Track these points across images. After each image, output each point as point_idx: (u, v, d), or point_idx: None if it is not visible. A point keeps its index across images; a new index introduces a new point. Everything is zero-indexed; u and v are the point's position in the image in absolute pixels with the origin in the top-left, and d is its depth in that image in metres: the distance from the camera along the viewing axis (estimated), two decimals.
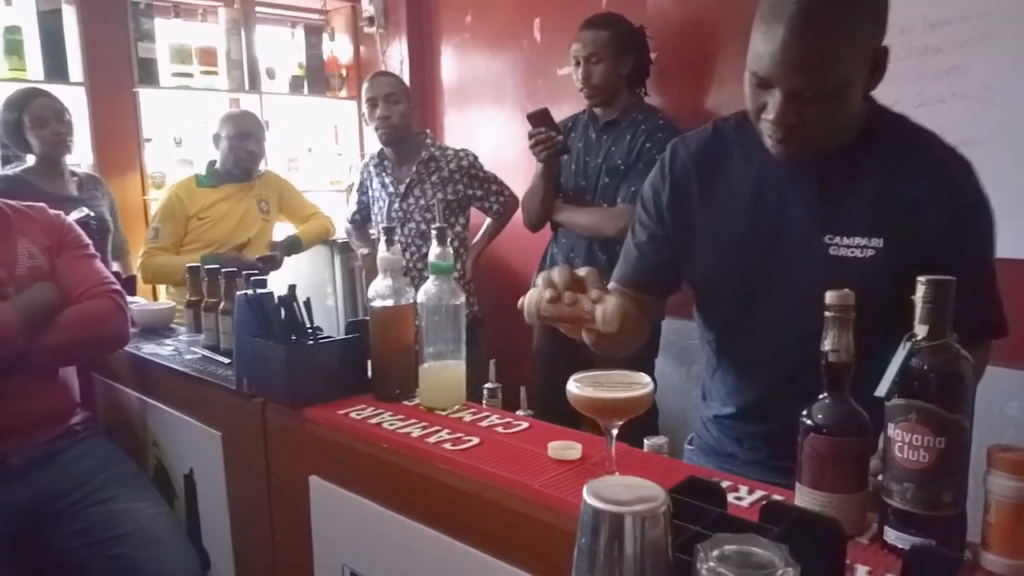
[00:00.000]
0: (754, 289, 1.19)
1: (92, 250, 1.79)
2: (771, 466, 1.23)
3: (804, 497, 0.88)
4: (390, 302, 1.37)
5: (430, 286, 1.33)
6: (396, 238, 2.69)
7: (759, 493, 0.99)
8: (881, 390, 0.82)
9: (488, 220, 2.91)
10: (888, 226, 1.09)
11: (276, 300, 1.40)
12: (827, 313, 0.87)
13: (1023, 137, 2.22)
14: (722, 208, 1.21)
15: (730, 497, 0.97)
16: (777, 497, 0.96)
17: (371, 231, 2.98)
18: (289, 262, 2.97)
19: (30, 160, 2.63)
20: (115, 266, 2.74)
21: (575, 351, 2.30)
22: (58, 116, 2.58)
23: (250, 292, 1.41)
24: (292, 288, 1.43)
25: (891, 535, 0.83)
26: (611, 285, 1.32)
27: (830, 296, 0.87)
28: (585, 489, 0.62)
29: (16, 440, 1.58)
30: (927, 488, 0.80)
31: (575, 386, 0.98)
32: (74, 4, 2.92)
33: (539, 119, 2.29)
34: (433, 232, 1.34)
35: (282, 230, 3.08)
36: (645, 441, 1.19)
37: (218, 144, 2.87)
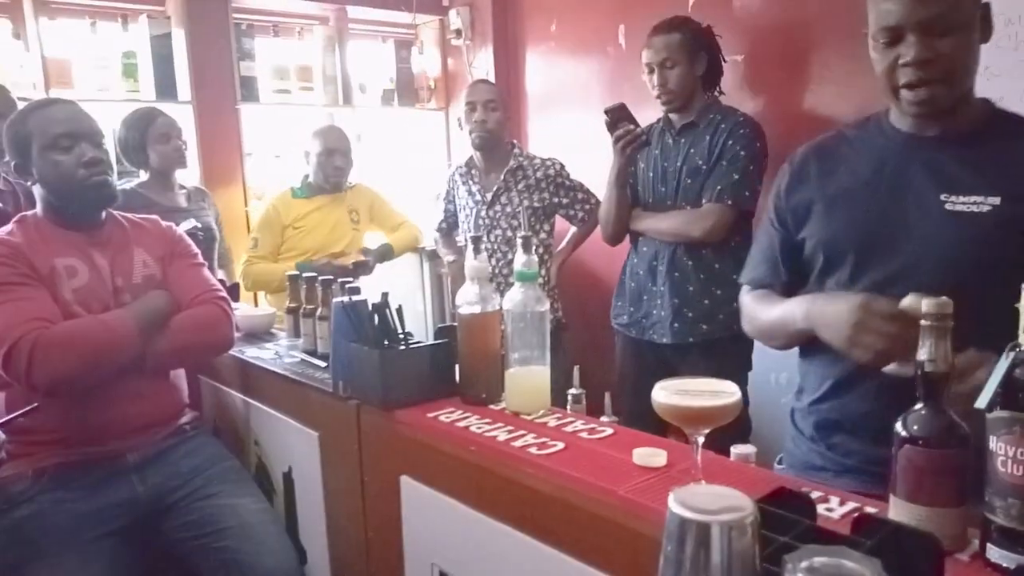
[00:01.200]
0: (870, 249, 1.23)
1: (200, 259, 1.90)
2: (864, 472, 1.22)
3: (899, 510, 0.86)
4: (477, 309, 1.41)
5: (516, 293, 1.36)
6: (483, 246, 2.74)
7: (851, 505, 0.97)
8: (982, 401, 0.79)
9: (573, 227, 2.92)
10: (1005, 185, 1.13)
11: (370, 307, 1.46)
12: (924, 322, 0.85)
13: None
14: (842, 180, 1.28)
15: (821, 508, 0.95)
16: (870, 510, 0.94)
17: (457, 239, 3.04)
18: (380, 269, 3.07)
19: (143, 175, 2.82)
20: (220, 274, 2.90)
21: (660, 359, 2.31)
22: (178, 133, 2.78)
23: (346, 299, 1.47)
24: (385, 295, 1.48)
25: (994, 553, 0.80)
26: (746, 287, 1.45)
27: (927, 304, 0.84)
28: (671, 497, 0.62)
29: (133, 439, 1.70)
30: None
31: (661, 394, 0.98)
32: (183, 27, 3.10)
33: (617, 114, 2.28)
34: (519, 240, 1.37)
35: (372, 239, 3.17)
36: (732, 450, 1.18)
37: (308, 159, 3.00)
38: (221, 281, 2.17)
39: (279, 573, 1.60)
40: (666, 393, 0.98)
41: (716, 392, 0.98)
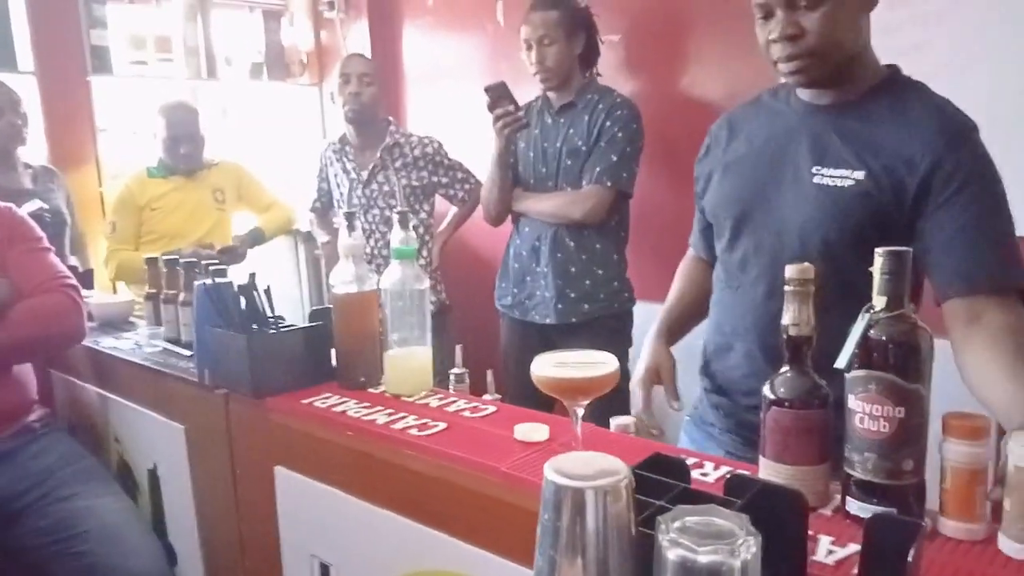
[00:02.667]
0: (744, 217, 1.28)
1: (45, 243, 1.74)
2: (736, 434, 1.30)
3: (768, 470, 0.89)
4: (353, 288, 1.35)
5: (393, 271, 1.32)
6: (359, 225, 2.67)
7: (724, 469, 1.00)
8: (841, 362, 0.83)
9: (454, 208, 2.89)
10: (873, 160, 1.14)
11: (235, 289, 1.37)
12: (787, 287, 0.88)
13: (982, 116, 2.26)
14: (739, 148, 1.33)
15: (696, 473, 0.98)
16: (742, 472, 0.97)
17: (333, 219, 2.94)
18: (251, 254, 2.92)
19: None
20: (72, 260, 2.68)
21: (543, 339, 2.33)
22: (13, 107, 2.51)
23: (209, 281, 1.38)
24: (252, 276, 1.40)
25: (853, 505, 0.84)
26: (690, 253, 1.51)
27: (790, 270, 0.87)
28: (547, 465, 0.61)
29: None
30: (888, 457, 0.81)
31: (540, 366, 0.97)
32: None
33: (497, 92, 2.26)
34: (395, 216, 1.32)
35: (242, 221, 3.02)
36: (611, 421, 1.19)
37: (157, 140, 2.82)
38: (73, 268, 2.01)
39: (146, 575, 1.50)
40: (545, 365, 0.97)
41: (593, 363, 0.98)
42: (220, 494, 1.46)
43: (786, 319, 0.88)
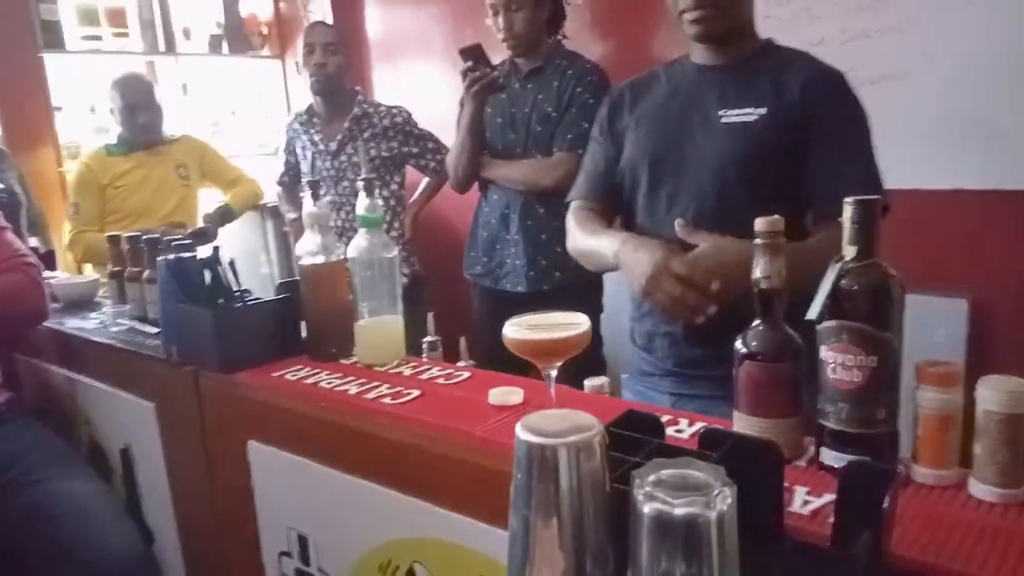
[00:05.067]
0: (661, 162, 1.39)
1: (2, 222, 1.69)
2: (678, 375, 1.40)
3: (742, 423, 0.89)
4: (320, 259, 1.33)
5: (360, 240, 1.29)
6: (326, 197, 2.63)
7: (699, 425, 1.00)
8: (812, 313, 0.82)
9: (425, 179, 2.85)
10: (769, 99, 1.31)
11: (199, 262, 1.34)
12: (757, 241, 0.87)
13: (945, 69, 2.27)
14: (647, 109, 1.45)
15: (670, 431, 0.98)
16: (716, 427, 0.97)
17: (301, 194, 2.88)
18: (220, 233, 2.87)
19: None
20: (33, 241, 2.61)
21: (515, 307, 2.31)
22: None
23: (171, 257, 1.35)
24: (216, 250, 1.37)
25: (828, 456, 0.84)
26: (573, 204, 1.56)
27: (759, 223, 0.86)
28: (519, 425, 0.60)
29: None
30: (861, 407, 0.81)
31: (512, 329, 0.96)
32: None
33: (472, 54, 2.22)
34: (359, 184, 1.29)
35: (206, 197, 2.96)
36: (585, 383, 1.19)
37: (113, 115, 2.74)
38: (34, 249, 1.96)
39: (122, 556, 1.48)
40: (517, 328, 0.96)
41: (565, 324, 0.97)
42: (194, 471, 1.44)
43: (757, 272, 0.87)
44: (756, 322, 0.88)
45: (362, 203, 1.29)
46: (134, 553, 1.50)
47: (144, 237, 1.70)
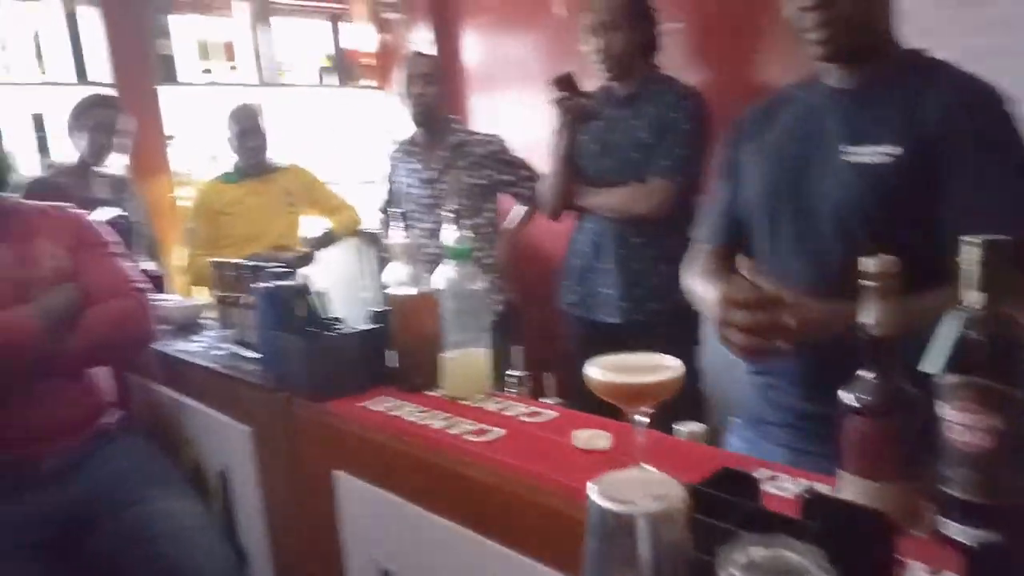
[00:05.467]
0: (780, 205, 1.25)
1: (117, 248, 1.78)
2: (797, 428, 1.24)
3: (848, 486, 0.81)
4: (407, 289, 1.33)
5: (448, 271, 1.28)
6: (425, 226, 2.67)
7: (804, 483, 0.92)
8: (935, 366, 0.74)
9: (519, 206, 2.85)
10: (904, 135, 1.11)
11: (292, 291, 1.37)
12: (866, 283, 0.79)
13: None
14: (769, 142, 1.29)
15: (772, 487, 0.91)
16: (821, 486, 0.89)
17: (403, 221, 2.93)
18: (321, 257, 2.96)
19: (61, 162, 2.68)
20: (152, 265, 2.76)
21: (609, 338, 2.25)
22: (107, 127, 2.65)
23: (266, 284, 1.38)
24: (307, 279, 1.39)
25: (951, 528, 0.75)
26: (697, 246, 1.45)
27: (868, 264, 0.78)
28: (590, 486, 0.56)
29: (47, 445, 1.58)
30: (989, 474, 0.72)
31: (595, 371, 0.92)
32: (97, 5, 2.92)
33: (564, 84, 2.20)
34: (448, 215, 1.29)
35: (309, 223, 3.07)
36: (677, 427, 1.12)
37: (230, 144, 2.89)
38: (147, 272, 2.06)
39: None
40: (601, 370, 0.92)
41: (655, 367, 0.92)
42: (286, 497, 1.46)
43: (866, 317, 0.79)
44: (864, 371, 0.80)
45: (451, 234, 1.28)
46: (229, 574, 1.53)
47: (242, 263, 1.75)
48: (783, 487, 0.91)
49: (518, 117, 3.20)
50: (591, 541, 0.55)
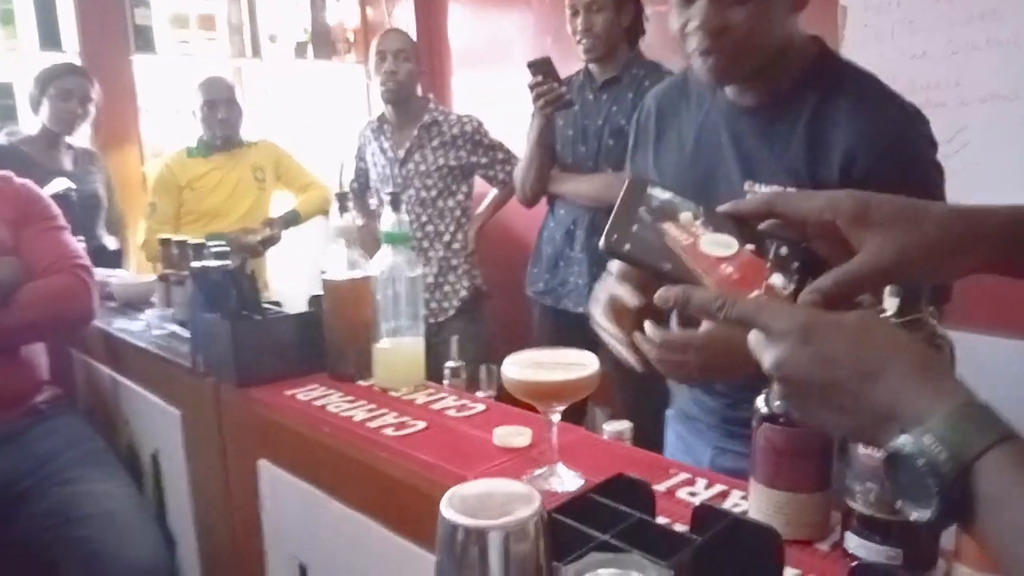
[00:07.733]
0: None
1: (61, 222, 1.73)
2: (721, 429, 1.20)
3: (759, 495, 0.77)
4: (344, 274, 1.28)
5: (385, 256, 1.23)
6: (350, 205, 2.65)
7: (718, 488, 0.88)
8: None
9: (493, 190, 2.80)
10: (804, 169, 1.03)
11: (225, 274, 1.32)
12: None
13: None
14: (670, 151, 1.21)
15: (684, 492, 0.87)
16: (738, 494, 0.85)
17: (370, 200, 2.87)
18: (287, 236, 2.90)
19: (28, 129, 2.61)
20: (112, 241, 2.71)
21: (576, 328, 2.21)
22: (81, 97, 2.56)
23: (199, 265, 1.33)
24: (243, 261, 1.35)
25: (853, 541, 0.71)
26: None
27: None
28: (444, 498, 0.52)
29: None
30: None
31: (511, 369, 0.88)
32: None
33: (540, 68, 2.14)
34: (385, 198, 1.24)
35: (279, 200, 3.00)
36: (604, 427, 1.08)
37: (196, 116, 2.81)
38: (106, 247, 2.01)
39: (144, 564, 1.47)
40: (516, 368, 0.88)
41: (571, 364, 0.88)
42: (213, 484, 1.42)
43: None
44: None
45: (388, 218, 1.23)
46: (156, 560, 1.50)
47: (185, 241, 1.70)
48: (696, 493, 0.87)
49: (502, 98, 3.14)
50: (439, 556, 0.51)
